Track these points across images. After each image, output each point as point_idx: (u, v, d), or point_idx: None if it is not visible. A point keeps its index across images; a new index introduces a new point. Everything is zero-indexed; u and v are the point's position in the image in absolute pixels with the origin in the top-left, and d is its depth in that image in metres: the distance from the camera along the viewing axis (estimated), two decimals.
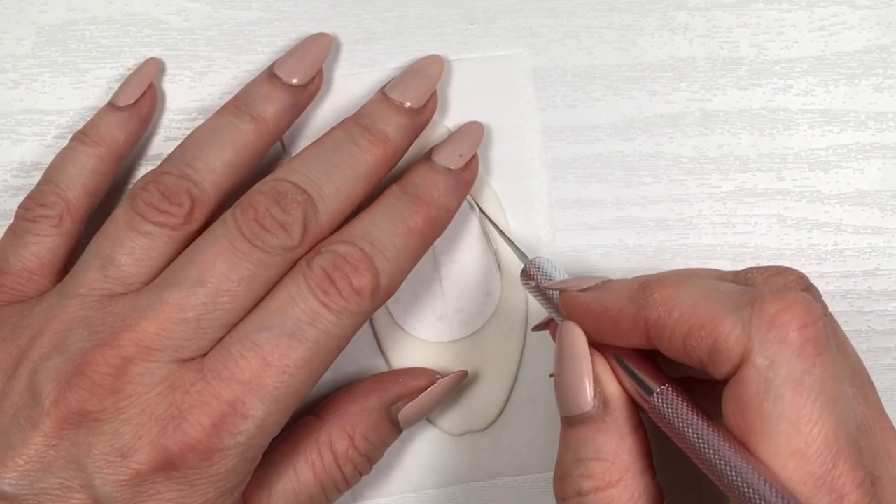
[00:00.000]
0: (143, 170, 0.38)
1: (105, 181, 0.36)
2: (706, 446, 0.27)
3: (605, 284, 0.30)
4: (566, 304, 0.31)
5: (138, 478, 0.30)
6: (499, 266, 0.38)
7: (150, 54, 0.38)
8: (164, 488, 0.30)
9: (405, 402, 0.36)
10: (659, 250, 0.38)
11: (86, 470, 0.30)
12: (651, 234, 0.38)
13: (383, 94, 0.35)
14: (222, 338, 0.31)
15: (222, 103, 0.38)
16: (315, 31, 0.37)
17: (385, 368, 0.38)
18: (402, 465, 0.38)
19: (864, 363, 0.37)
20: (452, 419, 0.38)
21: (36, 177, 0.38)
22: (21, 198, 0.38)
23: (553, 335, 0.32)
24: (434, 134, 0.37)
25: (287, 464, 0.34)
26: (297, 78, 0.35)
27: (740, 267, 0.37)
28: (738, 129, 0.38)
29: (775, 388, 0.26)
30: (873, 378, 0.36)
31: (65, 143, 0.38)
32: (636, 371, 0.30)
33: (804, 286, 0.31)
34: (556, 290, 0.31)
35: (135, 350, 0.30)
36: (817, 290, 0.32)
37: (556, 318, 0.32)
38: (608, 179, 0.38)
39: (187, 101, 0.38)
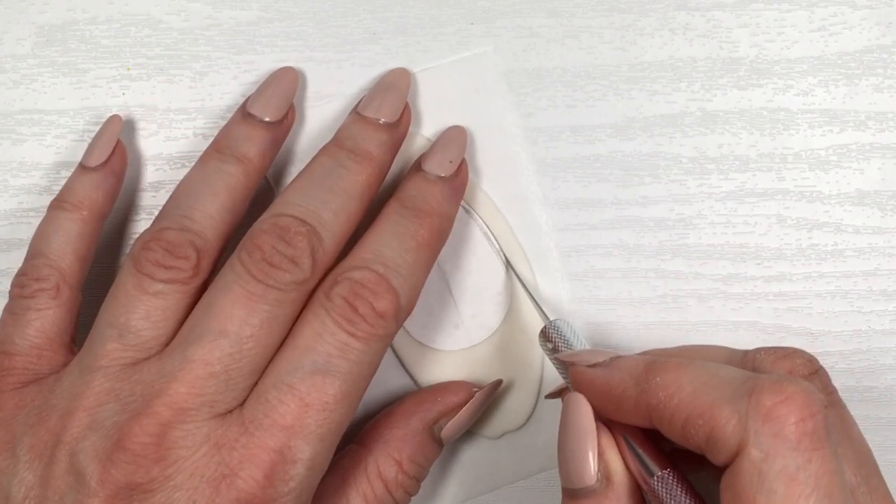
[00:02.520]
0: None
1: (92, 244, 0.35)
2: None
3: (613, 362, 0.30)
4: (574, 377, 0.31)
5: None
6: (505, 263, 0.38)
7: (150, 54, 0.38)
8: None
9: (446, 419, 0.36)
10: (659, 250, 0.38)
11: None
12: (651, 234, 0.38)
13: (358, 115, 0.36)
14: (254, 384, 0.31)
15: (222, 103, 0.38)
16: (315, 33, 0.37)
17: (412, 387, 0.38)
18: (449, 477, 0.38)
19: (864, 363, 0.37)
20: (489, 423, 0.38)
21: (36, 176, 0.38)
22: (21, 198, 0.38)
23: (563, 399, 0.32)
24: (414, 146, 0.37)
25: (339, 496, 0.34)
26: (270, 115, 0.35)
27: (740, 267, 0.38)
28: (738, 129, 0.38)
29: (768, 482, 0.26)
30: (873, 378, 0.36)
31: (65, 142, 0.38)
32: (640, 451, 0.30)
33: (811, 370, 0.31)
34: (566, 362, 0.32)
35: (171, 414, 0.30)
36: (826, 374, 0.32)
37: (568, 385, 0.32)
38: (608, 179, 0.38)
39: (187, 100, 0.38)
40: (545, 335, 0.33)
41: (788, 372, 0.31)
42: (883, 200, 0.38)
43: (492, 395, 0.37)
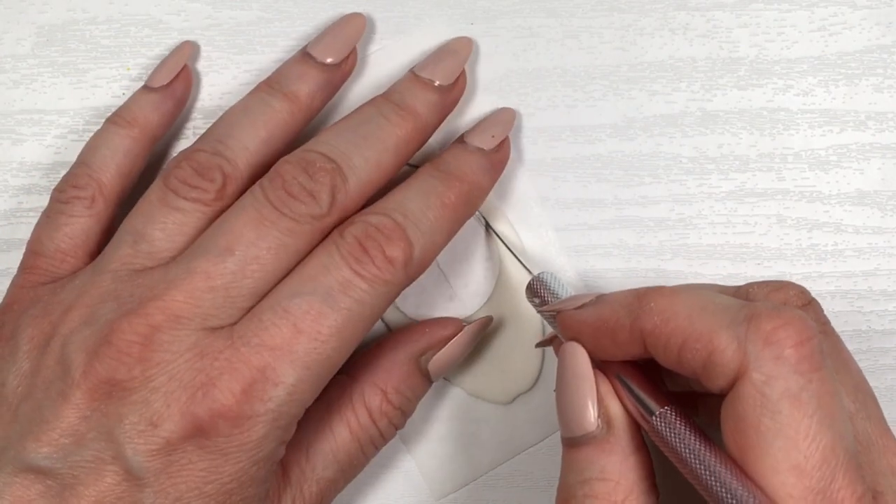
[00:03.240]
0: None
1: (139, 162, 0.36)
2: (704, 469, 0.27)
3: (601, 298, 0.30)
4: (564, 324, 0.31)
5: (169, 447, 0.29)
6: (486, 226, 0.38)
7: (150, 54, 0.38)
8: (195, 457, 0.30)
9: (433, 352, 0.36)
10: (659, 250, 0.38)
11: (117, 441, 0.29)
12: (651, 234, 0.38)
13: (413, 74, 0.36)
14: (252, 307, 0.31)
15: (222, 103, 0.38)
16: (315, 33, 0.37)
17: None
18: (474, 448, 0.38)
19: (864, 363, 0.37)
20: (500, 388, 0.38)
21: (36, 177, 0.38)
22: (21, 198, 0.38)
23: (557, 352, 0.32)
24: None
25: (323, 424, 0.34)
26: (331, 57, 0.35)
27: (740, 267, 0.38)
28: (738, 129, 0.38)
29: (772, 404, 0.26)
30: (873, 378, 0.36)
31: (65, 142, 0.38)
32: (638, 391, 0.30)
33: (805, 301, 0.31)
34: (553, 313, 0.32)
35: (162, 318, 0.30)
36: (819, 305, 0.32)
37: (560, 336, 0.32)
38: (608, 179, 0.38)
39: (187, 100, 0.38)
40: (531, 290, 0.33)
41: (782, 302, 0.31)
42: (883, 200, 0.38)
43: (481, 333, 0.37)
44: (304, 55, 0.35)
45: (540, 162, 0.38)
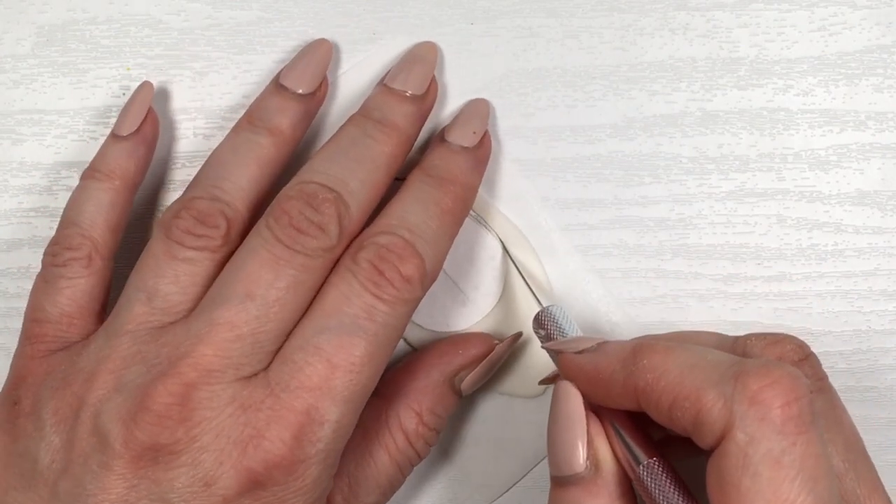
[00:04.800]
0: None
1: (125, 214, 0.35)
2: None
3: (601, 347, 0.30)
4: (563, 365, 0.31)
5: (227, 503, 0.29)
6: (486, 226, 0.38)
7: (150, 54, 0.38)
8: None
9: (467, 371, 0.36)
10: (659, 250, 0.38)
11: None
12: (651, 234, 0.38)
13: (385, 87, 0.36)
14: (279, 349, 0.31)
15: (222, 103, 0.38)
16: (315, 33, 0.37)
17: None
18: (515, 445, 0.38)
19: (864, 363, 0.37)
20: (528, 382, 0.38)
21: (36, 177, 0.38)
22: (21, 198, 0.38)
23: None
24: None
25: (362, 451, 0.34)
26: (303, 87, 0.35)
27: (740, 267, 0.38)
28: (738, 129, 0.38)
29: (753, 465, 0.26)
30: (873, 378, 0.36)
31: (65, 142, 0.38)
32: (628, 439, 0.30)
33: (802, 356, 0.32)
34: (554, 351, 0.32)
35: (196, 375, 0.30)
36: (816, 360, 0.32)
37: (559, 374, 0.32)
38: (608, 179, 0.38)
39: (187, 101, 0.38)
40: (538, 322, 0.33)
41: (778, 357, 0.31)
42: (883, 200, 0.38)
43: (511, 347, 0.37)
44: (279, 87, 0.35)
45: (540, 162, 0.38)
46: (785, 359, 0.31)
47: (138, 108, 0.36)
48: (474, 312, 0.38)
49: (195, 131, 0.38)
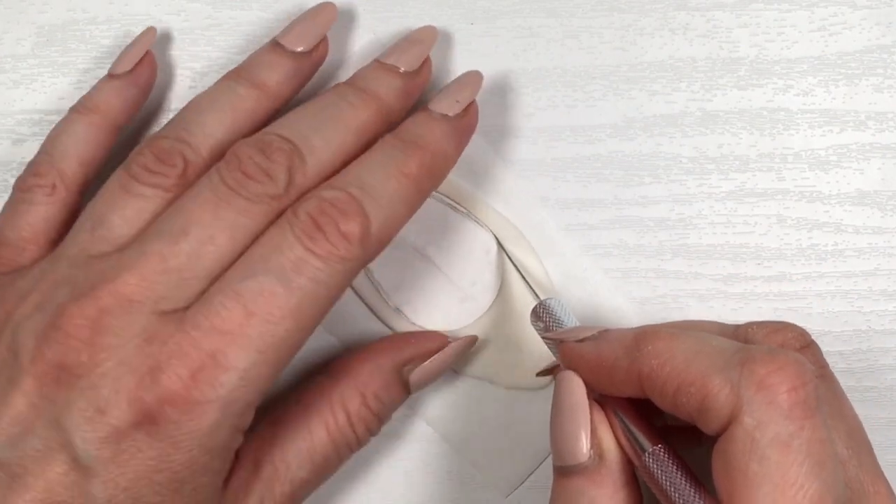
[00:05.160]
0: None
1: (101, 150, 0.35)
2: None
3: (603, 334, 0.30)
4: (564, 354, 0.31)
5: (117, 434, 0.29)
6: (479, 222, 0.38)
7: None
8: (144, 445, 0.29)
9: (416, 363, 0.36)
10: (659, 250, 0.38)
11: (65, 429, 0.29)
12: (651, 234, 0.38)
13: (377, 61, 0.35)
14: (205, 290, 0.30)
15: None
16: None
17: (458, 383, 0.38)
18: (527, 437, 0.38)
19: (864, 363, 0.37)
20: (532, 376, 0.37)
21: None
22: None
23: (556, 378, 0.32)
24: None
25: (300, 423, 0.34)
26: (301, 45, 0.35)
27: (740, 267, 0.38)
28: (738, 129, 0.38)
29: (761, 449, 0.26)
30: (873, 378, 0.36)
31: None
32: (632, 427, 0.30)
33: (804, 343, 0.32)
34: (556, 340, 0.32)
35: (113, 301, 0.29)
36: (818, 348, 0.32)
37: (561, 364, 0.32)
38: (608, 179, 0.38)
39: (187, 101, 0.38)
40: (536, 314, 0.33)
41: (780, 345, 0.31)
42: (883, 200, 0.38)
43: (466, 350, 0.37)
44: (274, 44, 0.35)
45: (540, 162, 0.38)
46: (787, 346, 0.31)
47: (136, 50, 0.36)
48: (475, 307, 0.38)
49: None
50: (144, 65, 0.36)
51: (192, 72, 0.38)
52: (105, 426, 0.29)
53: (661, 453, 0.29)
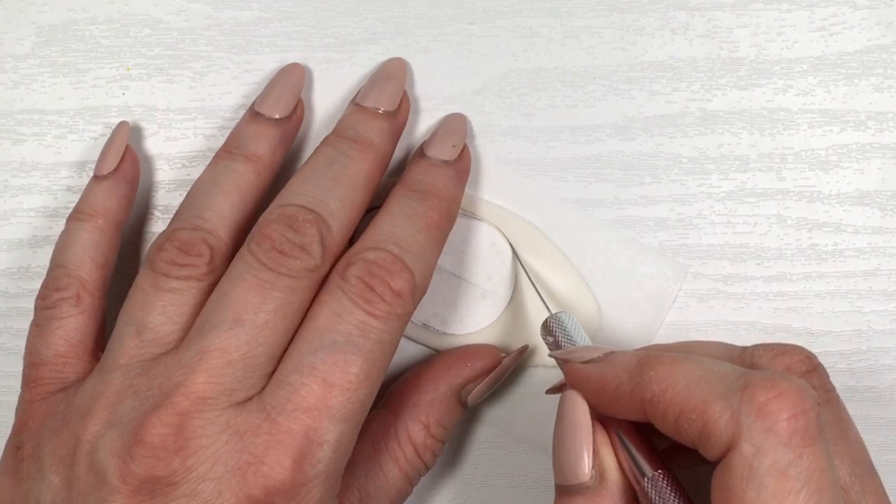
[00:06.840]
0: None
1: (112, 251, 0.35)
2: None
3: (608, 357, 0.30)
4: (569, 374, 0.31)
5: None
6: (479, 219, 0.38)
7: (150, 54, 0.38)
8: None
9: (474, 384, 0.36)
10: (659, 250, 0.38)
11: None
12: (651, 234, 0.38)
13: (357, 105, 0.36)
14: (272, 372, 0.31)
15: (222, 103, 0.38)
16: (315, 33, 0.37)
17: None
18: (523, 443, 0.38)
19: (864, 363, 0.37)
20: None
21: (36, 177, 0.38)
22: (21, 198, 0.38)
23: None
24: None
25: (371, 463, 0.34)
26: (278, 112, 0.35)
27: (740, 267, 0.38)
28: (738, 129, 0.38)
29: (759, 477, 0.26)
30: (872, 378, 0.36)
31: (65, 142, 0.38)
32: (634, 451, 0.30)
33: (809, 367, 0.32)
34: (561, 359, 0.32)
35: (189, 404, 0.30)
36: (824, 371, 0.32)
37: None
38: (608, 179, 0.38)
39: (187, 101, 0.38)
40: (547, 328, 0.33)
41: (786, 369, 0.31)
42: (883, 200, 0.38)
43: (518, 360, 0.37)
44: (254, 114, 0.36)
45: (540, 162, 0.38)
46: (792, 370, 0.31)
47: (116, 147, 0.36)
48: (496, 302, 0.38)
49: (195, 131, 0.38)
50: (127, 160, 0.36)
51: (192, 72, 0.38)
52: None
53: (661, 480, 0.29)
